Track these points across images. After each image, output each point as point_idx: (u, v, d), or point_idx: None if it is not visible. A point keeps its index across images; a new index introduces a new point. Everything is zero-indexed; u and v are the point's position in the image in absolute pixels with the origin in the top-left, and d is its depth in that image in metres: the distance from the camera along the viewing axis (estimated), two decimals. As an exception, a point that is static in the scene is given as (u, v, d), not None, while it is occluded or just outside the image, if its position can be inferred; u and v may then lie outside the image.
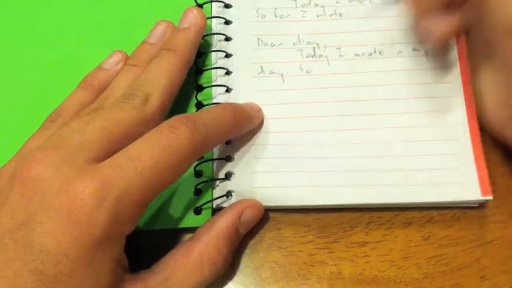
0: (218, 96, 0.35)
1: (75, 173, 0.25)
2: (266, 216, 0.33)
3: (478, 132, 0.32)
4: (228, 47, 0.36)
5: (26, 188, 0.25)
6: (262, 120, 0.34)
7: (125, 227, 0.26)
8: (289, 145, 0.33)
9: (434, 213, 0.32)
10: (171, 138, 0.27)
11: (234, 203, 0.31)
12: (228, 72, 0.36)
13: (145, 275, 0.27)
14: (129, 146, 0.26)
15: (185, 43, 0.33)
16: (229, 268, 0.31)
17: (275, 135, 0.34)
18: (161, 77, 0.31)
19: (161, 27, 0.35)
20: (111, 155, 0.26)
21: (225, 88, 0.35)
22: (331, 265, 0.31)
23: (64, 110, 0.32)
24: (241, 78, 0.35)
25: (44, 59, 0.37)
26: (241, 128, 0.32)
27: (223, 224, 0.30)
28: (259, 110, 0.34)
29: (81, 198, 0.24)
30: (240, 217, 0.30)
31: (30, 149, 0.28)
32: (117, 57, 0.35)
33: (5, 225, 0.24)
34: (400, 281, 0.31)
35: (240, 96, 0.35)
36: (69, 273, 0.24)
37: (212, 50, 0.36)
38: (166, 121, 0.28)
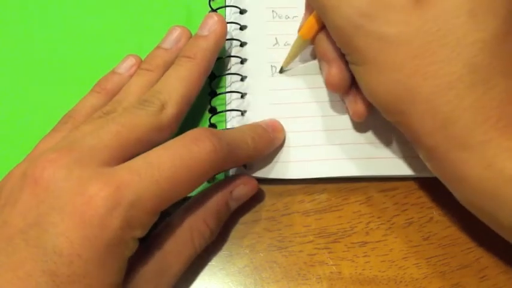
0: (232, 101, 0.35)
1: (89, 176, 0.25)
2: (266, 216, 0.33)
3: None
4: (242, 52, 0.36)
5: (39, 189, 0.25)
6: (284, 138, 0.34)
7: (136, 231, 0.25)
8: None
9: (434, 213, 0.32)
10: (193, 150, 0.26)
11: (228, 178, 0.32)
12: (242, 78, 0.35)
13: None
14: (150, 152, 0.26)
15: (204, 51, 0.33)
16: (229, 268, 0.31)
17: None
18: (179, 85, 0.31)
19: (176, 33, 0.34)
20: (123, 161, 0.26)
21: (240, 94, 0.35)
22: (331, 265, 0.31)
23: (76, 112, 0.32)
24: (256, 83, 0.35)
25: (58, 63, 0.38)
26: (260, 154, 0.32)
27: (212, 197, 0.30)
28: (281, 130, 0.33)
29: (95, 201, 0.24)
30: (231, 192, 0.31)
31: (42, 151, 0.28)
32: (131, 61, 0.34)
33: (16, 225, 0.24)
34: (400, 281, 0.31)
35: (254, 101, 0.35)
36: (83, 274, 0.23)
37: (227, 55, 0.36)
38: (191, 132, 0.28)
